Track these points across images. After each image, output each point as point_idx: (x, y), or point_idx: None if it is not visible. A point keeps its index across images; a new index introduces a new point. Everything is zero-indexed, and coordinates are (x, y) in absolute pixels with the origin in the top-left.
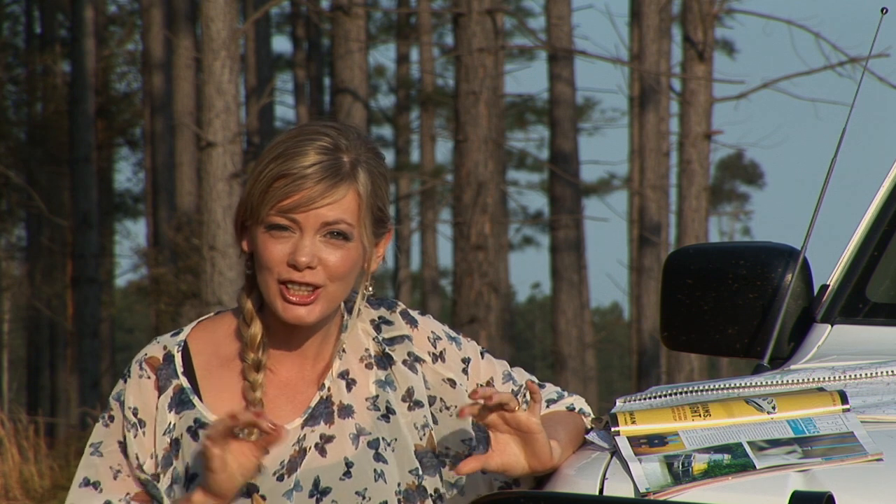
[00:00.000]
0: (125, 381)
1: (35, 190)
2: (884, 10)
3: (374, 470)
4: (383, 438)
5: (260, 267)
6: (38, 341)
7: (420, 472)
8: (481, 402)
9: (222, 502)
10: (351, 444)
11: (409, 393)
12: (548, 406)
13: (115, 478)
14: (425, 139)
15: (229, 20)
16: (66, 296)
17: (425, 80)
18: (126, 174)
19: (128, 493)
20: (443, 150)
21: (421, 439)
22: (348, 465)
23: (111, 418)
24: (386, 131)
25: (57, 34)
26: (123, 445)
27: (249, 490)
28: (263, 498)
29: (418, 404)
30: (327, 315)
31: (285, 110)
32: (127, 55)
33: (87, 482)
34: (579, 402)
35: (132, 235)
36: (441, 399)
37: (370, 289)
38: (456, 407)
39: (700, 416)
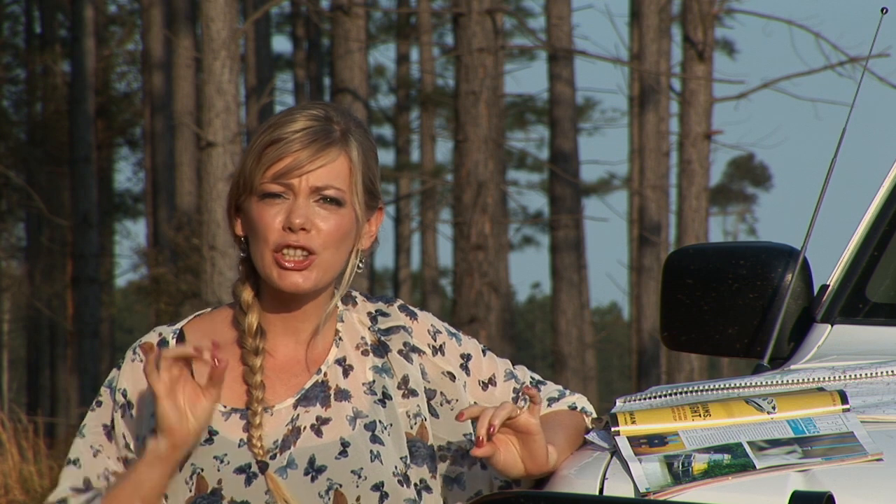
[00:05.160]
0: (118, 369)
1: (35, 190)
2: (884, 10)
3: (371, 451)
4: (380, 421)
5: (255, 238)
6: (38, 341)
7: (408, 461)
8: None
9: (177, 451)
10: (347, 425)
11: (405, 381)
12: (549, 405)
13: (94, 455)
14: (425, 139)
15: (229, 20)
16: (66, 296)
17: (425, 80)
18: (126, 174)
19: (106, 469)
20: (443, 150)
21: (412, 428)
22: (344, 444)
23: (98, 403)
24: (386, 131)
25: (57, 34)
26: (108, 428)
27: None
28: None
29: (413, 393)
30: (322, 286)
31: None
32: (127, 55)
33: (69, 461)
34: (581, 401)
35: (132, 235)
36: (441, 393)
37: (361, 266)
38: (457, 401)
39: (700, 416)
